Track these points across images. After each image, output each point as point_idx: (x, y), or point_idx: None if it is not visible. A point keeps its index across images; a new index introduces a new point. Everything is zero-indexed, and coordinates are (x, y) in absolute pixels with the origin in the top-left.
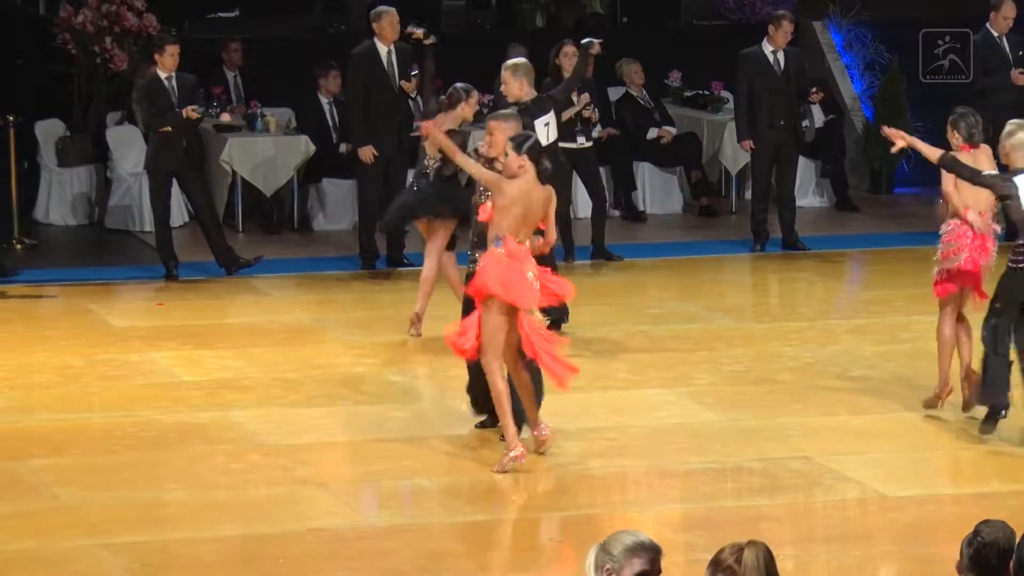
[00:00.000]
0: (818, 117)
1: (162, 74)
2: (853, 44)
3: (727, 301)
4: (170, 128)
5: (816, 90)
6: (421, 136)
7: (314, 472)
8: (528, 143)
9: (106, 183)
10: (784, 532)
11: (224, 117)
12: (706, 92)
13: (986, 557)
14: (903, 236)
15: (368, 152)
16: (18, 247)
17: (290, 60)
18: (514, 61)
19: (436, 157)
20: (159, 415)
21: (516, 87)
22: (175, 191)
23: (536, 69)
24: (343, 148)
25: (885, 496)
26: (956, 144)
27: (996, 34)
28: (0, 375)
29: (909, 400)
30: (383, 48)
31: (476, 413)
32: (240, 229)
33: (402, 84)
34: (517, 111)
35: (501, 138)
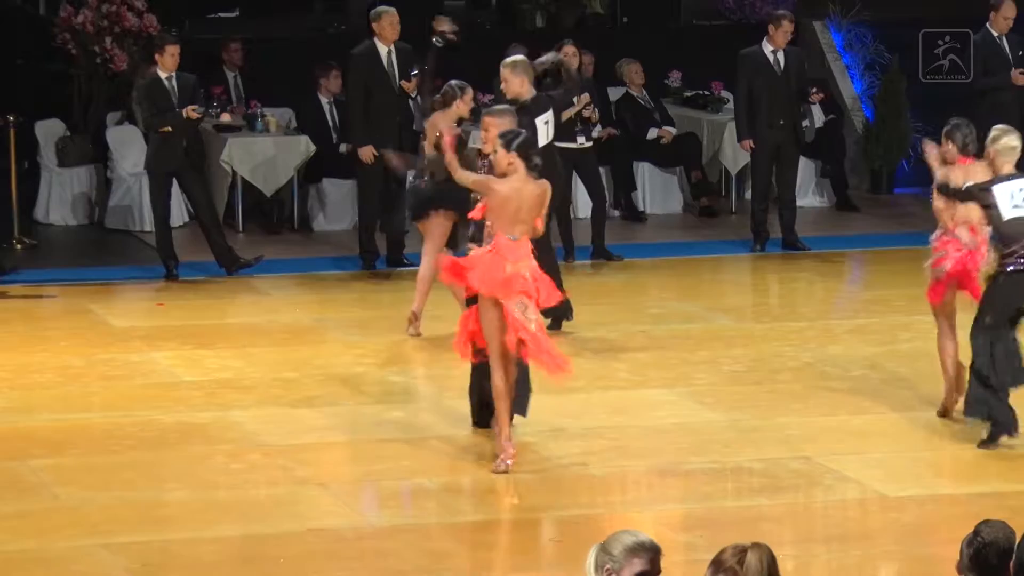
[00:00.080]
0: (818, 117)
1: (162, 74)
2: (853, 44)
3: (727, 301)
4: (170, 128)
5: (816, 90)
6: (421, 135)
7: (314, 472)
8: (517, 140)
9: (106, 183)
10: (784, 532)
11: (224, 117)
12: (706, 92)
13: (986, 557)
14: (903, 236)
15: (368, 152)
16: (18, 247)
17: (290, 60)
18: (513, 58)
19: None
20: (159, 415)
21: (516, 84)
22: (175, 191)
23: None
24: (343, 148)
25: (885, 496)
26: (951, 156)
27: (996, 34)
28: (0, 375)
29: (909, 400)
30: (383, 48)
31: (473, 423)
32: (240, 229)
33: (402, 84)
34: (517, 108)
35: (494, 133)
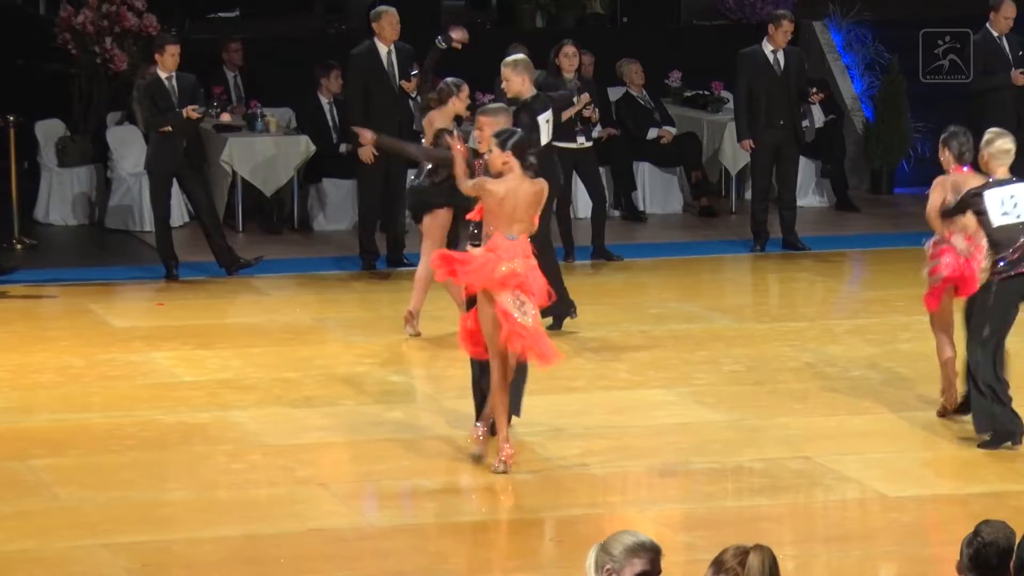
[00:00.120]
0: (818, 117)
1: (163, 74)
2: (853, 44)
3: (727, 301)
4: (170, 128)
5: (816, 90)
6: (420, 135)
7: (314, 472)
8: (512, 139)
9: (106, 183)
10: (784, 532)
11: (224, 117)
12: (706, 92)
13: (986, 557)
14: (903, 236)
15: (368, 152)
16: (18, 247)
17: (290, 60)
18: (514, 57)
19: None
20: (159, 415)
21: (518, 83)
22: (175, 191)
23: (536, 69)
24: (343, 148)
25: (885, 496)
26: (946, 163)
27: (996, 34)
28: (1, 375)
29: (909, 400)
30: (383, 48)
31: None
32: (240, 229)
33: (402, 84)
34: (519, 106)
35: (489, 132)
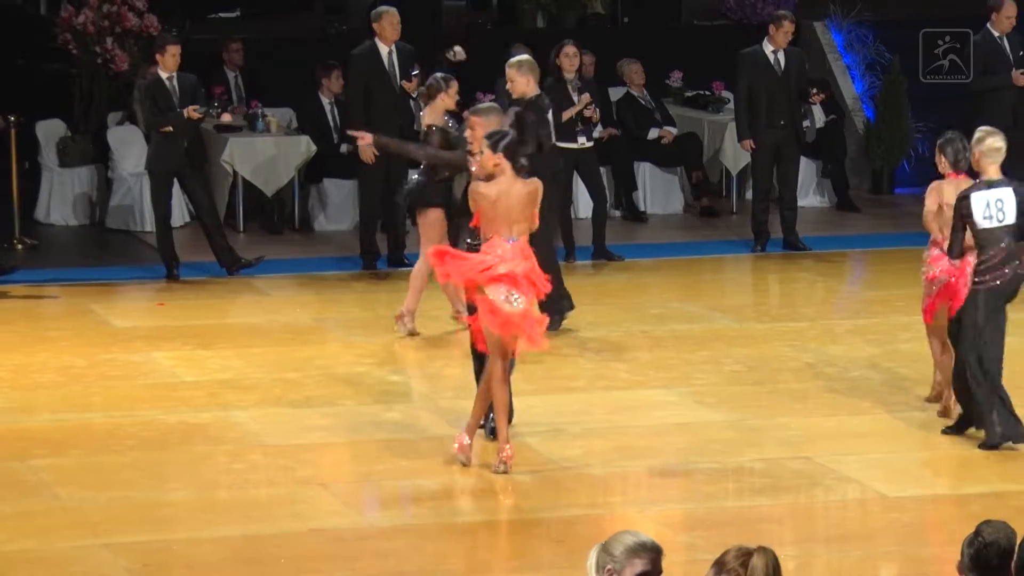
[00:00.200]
0: (819, 117)
1: (163, 74)
2: (854, 44)
3: (728, 301)
4: (171, 128)
5: (816, 91)
6: (420, 135)
7: (315, 472)
8: (504, 141)
9: (107, 183)
10: (785, 532)
11: (225, 117)
12: (707, 92)
13: (987, 557)
14: (903, 236)
15: (369, 152)
16: (19, 247)
17: (290, 60)
18: (518, 58)
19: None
20: (160, 415)
21: (523, 83)
22: (176, 191)
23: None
24: (344, 148)
25: (886, 496)
26: (943, 169)
27: (997, 34)
28: (1, 375)
29: (910, 401)
30: (384, 48)
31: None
32: (241, 229)
33: (403, 84)
34: (527, 104)
35: (480, 133)
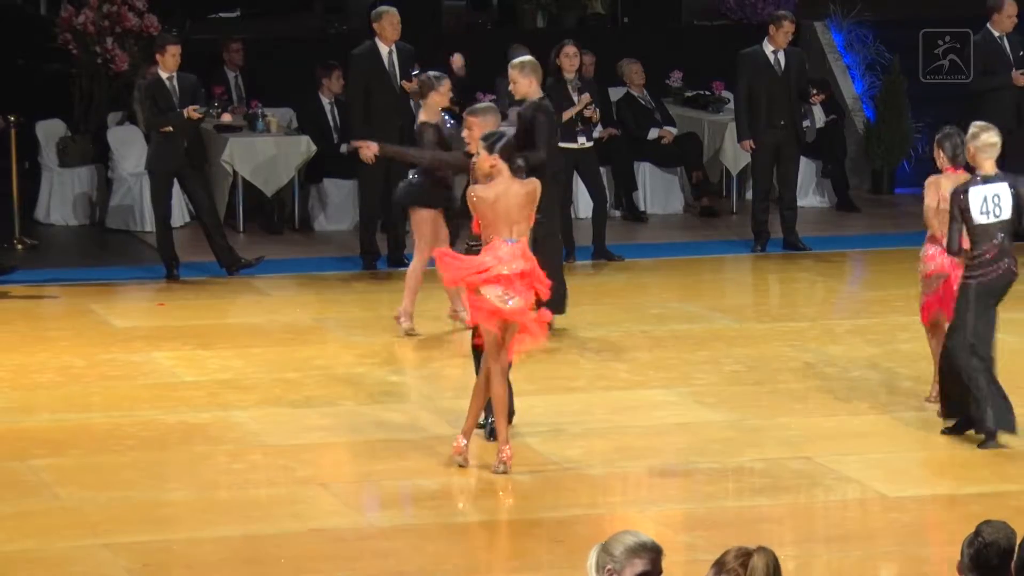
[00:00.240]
0: (819, 117)
1: (163, 74)
2: (854, 44)
3: (728, 301)
4: (171, 128)
5: (816, 92)
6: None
7: (315, 472)
8: (500, 143)
9: (107, 183)
10: (785, 532)
11: (225, 117)
12: (707, 92)
13: (987, 557)
14: (903, 236)
15: (369, 154)
16: (19, 247)
17: (290, 60)
18: (521, 59)
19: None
20: (160, 415)
21: (525, 84)
22: (176, 191)
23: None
24: (344, 148)
25: (886, 496)
26: (941, 164)
27: (997, 34)
28: (1, 375)
29: (910, 400)
30: (384, 48)
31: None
32: (241, 229)
33: (403, 84)
34: (536, 105)
35: (478, 133)
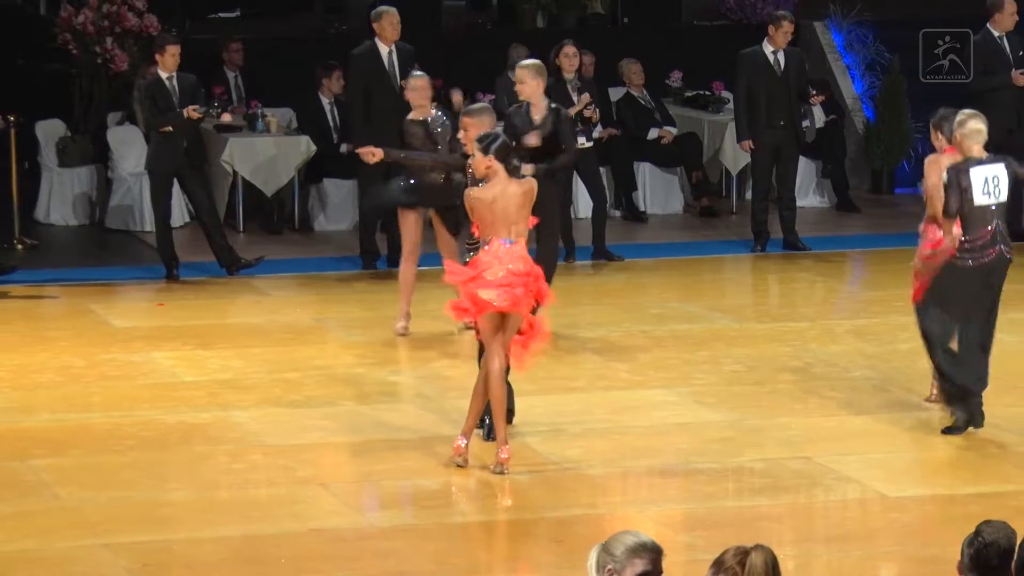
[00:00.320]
0: (819, 117)
1: (163, 74)
2: (854, 44)
3: (728, 301)
4: (171, 128)
5: (816, 92)
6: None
7: (315, 472)
8: (495, 144)
9: (107, 183)
10: (785, 532)
11: (225, 117)
12: (707, 92)
13: (987, 557)
14: (903, 236)
15: (369, 152)
16: (19, 247)
17: (290, 60)
18: (531, 62)
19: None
20: (160, 415)
21: (534, 87)
22: (176, 191)
23: None
24: (344, 148)
25: (886, 496)
26: (939, 146)
27: (997, 34)
28: (1, 375)
29: (910, 400)
30: (384, 48)
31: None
32: (241, 229)
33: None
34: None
35: (473, 135)
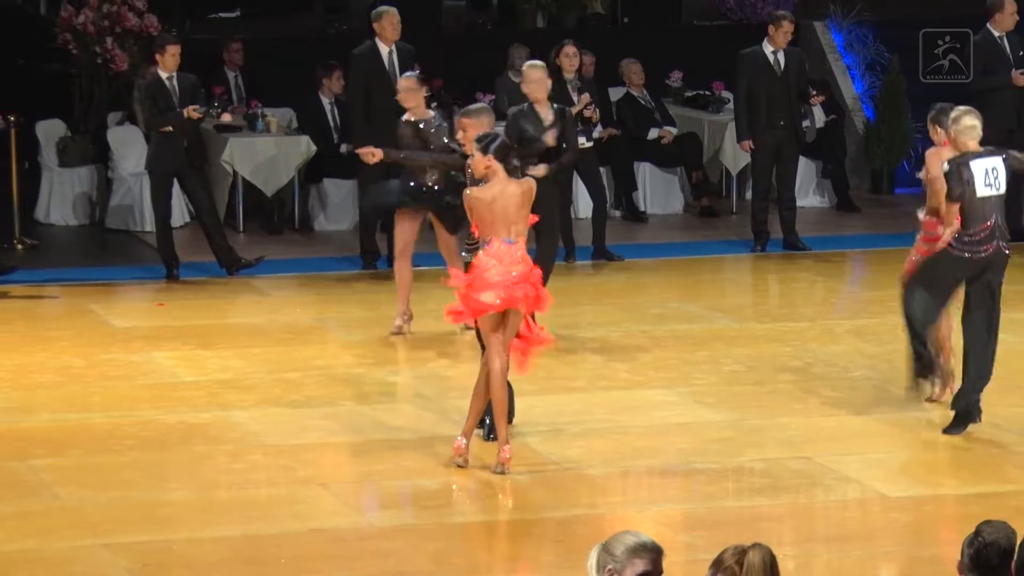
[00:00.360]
0: (819, 117)
1: (163, 74)
2: (854, 44)
3: (728, 301)
4: (171, 128)
5: (816, 92)
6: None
7: (315, 472)
8: (494, 144)
9: (107, 183)
10: (785, 532)
11: (225, 117)
12: (707, 92)
13: (987, 557)
14: (903, 236)
15: (369, 153)
16: (19, 247)
17: (290, 60)
18: (538, 62)
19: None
20: (160, 415)
21: (538, 87)
22: (176, 191)
23: None
24: (344, 148)
25: (886, 496)
26: (938, 140)
27: (997, 34)
28: (1, 375)
29: (910, 400)
30: (384, 48)
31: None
32: (241, 229)
33: None
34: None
35: (472, 135)
